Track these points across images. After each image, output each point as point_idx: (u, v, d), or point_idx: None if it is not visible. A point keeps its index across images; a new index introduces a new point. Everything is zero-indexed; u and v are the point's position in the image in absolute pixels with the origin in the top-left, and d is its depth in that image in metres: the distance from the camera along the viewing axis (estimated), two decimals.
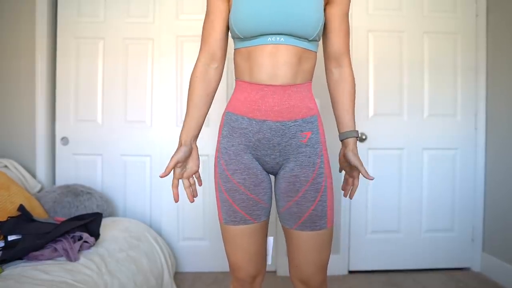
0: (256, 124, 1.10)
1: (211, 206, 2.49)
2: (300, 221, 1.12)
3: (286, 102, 1.09)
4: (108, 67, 2.48)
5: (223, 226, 1.18)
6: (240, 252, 1.17)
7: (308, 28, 1.07)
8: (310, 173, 1.11)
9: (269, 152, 1.12)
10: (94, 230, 1.75)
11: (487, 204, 2.50)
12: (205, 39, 1.17)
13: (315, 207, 1.11)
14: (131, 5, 2.47)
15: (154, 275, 1.94)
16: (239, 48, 1.14)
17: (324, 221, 1.13)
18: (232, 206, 1.14)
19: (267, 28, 1.06)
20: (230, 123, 1.15)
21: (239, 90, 1.14)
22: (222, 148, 1.16)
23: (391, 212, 2.52)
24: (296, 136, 1.11)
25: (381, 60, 2.49)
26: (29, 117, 2.42)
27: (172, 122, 2.49)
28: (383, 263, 2.54)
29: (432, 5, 2.49)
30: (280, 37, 1.07)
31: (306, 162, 1.12)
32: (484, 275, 2.46)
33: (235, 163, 1.13)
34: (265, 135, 1.10)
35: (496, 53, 2.44)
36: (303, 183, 1.11)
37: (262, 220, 1.17)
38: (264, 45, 1.08)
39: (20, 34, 2.41)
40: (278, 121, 1.09)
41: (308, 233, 1.12)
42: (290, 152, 1.12)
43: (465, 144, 2.53)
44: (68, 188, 2.22)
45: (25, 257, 1.47)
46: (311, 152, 1.12)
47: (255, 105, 1.10)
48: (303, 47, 1.10)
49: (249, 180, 1.13)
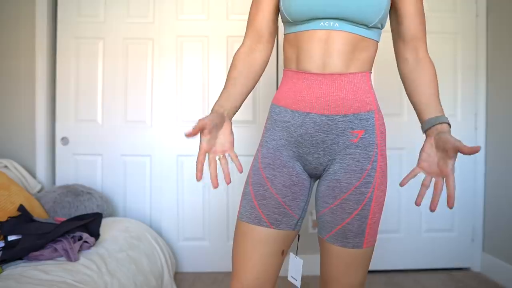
0: (299, 116, 0.97)
1: (211, 206, 2.49)
2: (332, 232, 0.98)
3: (335, 93, 0.94)
4: (108, 67, 2.48)
5: (238, 221, 1.04)
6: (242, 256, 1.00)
7: (368, 12, 0.92)
8: (355, 179, 0.95)
9: (311, 150, 0.98)
10: (94, 230, 1.75)
11: (487, 204, 2.50)
12: (251, 20, 1.05)
13: (351, 220, 0.95)
14: (131, 5, 2.47)
15: (154, 275, 1.94)
16: (288, 34, 1.02)
17: (359, 240, 0.96)
18: (252, 201, 1.00)
19: (320, 12, 0.93)
20: (274, 116, 1.02)
21: (285, 80, 1.02)
22: (264, 142, 1.04)
23: (391, 212, 2.52)
24: (344, 134, 0.96)
25: (381, 60, 2.48)
26: (29, 117, 2.42)
27: (172, 122, 2.49)
28: (383, 263, 2.53)
29: (432, 5, 2.48)
30: (334, 21, 0.93)
31: (353, 166, 0.96)
32: (484, 275, 2.46)
33: (271, 157, 1.01)
34: (308, 130, 0.96)
35: (496, 53, 2.44)
36: (344, 190, 0.96)
37: (282, 228, 1.00)
38: (315, 30, 0.95)
39: (20, 34, 2.41)
40: (324, 114, 0.94)
41: (338, 248, 0.98)
42: (337, 152, 0.97)
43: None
44: (68, 188, 2.22)
45: (25, 257, 1.47)
46: (361, 155, 0.96)
47: (299, 95, 0.96)
48: (361, 34, 0.95)
49: (280, 178, 1.00)
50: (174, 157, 2.49)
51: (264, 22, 1.04)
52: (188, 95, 2.49)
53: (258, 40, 1.05)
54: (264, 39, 1.05)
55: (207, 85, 2.48)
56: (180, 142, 2.45)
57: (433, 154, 0.93)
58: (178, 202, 2.50)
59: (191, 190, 2.49)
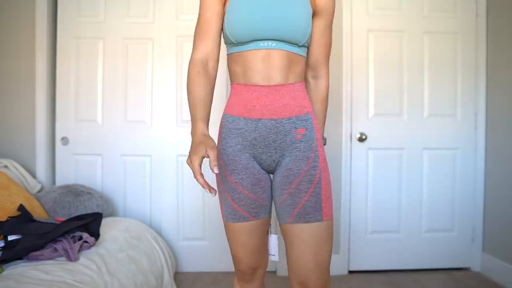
0: (251, 123, 1.14)
1: (211, 206, 2.49)
2: (294, 213, 1.13)
3: (279, 101, 1.14)
4: (108, 67, 2.48)
5: (226, 223, 1.23)
6: (241, 247, 1.21)
7: (298, 35, 1.13)
8: (304, 165, 1.14)
9: (265, 149, 1.16)
10: (94, 230, 1.75)
11: (487, 204, 2.50)
12: (201, 37, 1.16)
13: (308, 197, 1.13)
14: (131, 5, 2.47)
15: (154, 275, 1.94)
16: (232, 53, 1.19)
17: (319, 214, 1.13)
18: (232, 205, 1.18)
19: (259, 34, 1.12)
20: (227, 125, 1.19)
21: (235, 92, 1.19)
22: (221, 149, 1.19)
23: (391, 212, 2.52)
24: (290, 133, 1.15)
25: (381, 60, 2.49)
26: (29, 117, 2.42)
27: (172, 122, 2.49)
28: (383, 263, 2.54)
29: (432, 5, 2.49)
30: (271, 42, 1.13)
31: (300, 156, 1.15)
32: (484, 275, 2.46)
33: (233, 163, 1.17)
34: (261, 133, 1.14)
35: (496, 53, 2.44)
36: (296, 175, 1.14)
37: (262, 217, 1.21)
38: (257, 50, 1.13)
39: (20, 34, 2.41)
40: (273, 119, 1.14)
41: (302, 225, 1.12)
42: (285, 148, 1.16)
43: (465, 144, 2.53)
44: (68, 188, 2.22)
45: (25, 257, 1.47)
46: (305, 147, 1.16)
47: (250, 104, 1.14)
48: (293, 51, 1.15)
49: (247, 179, 1.16)
50: (174, 157, 2.49)
51: (215, 40, 1.17)
52: None
53: (208, 56, 1.17)
54: (214, 55, 1.18)
55: None
56: (180, 142, 2.45)
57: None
58: (178, 202, 2.51)
59: (191, 190, 2.49)
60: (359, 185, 2.51)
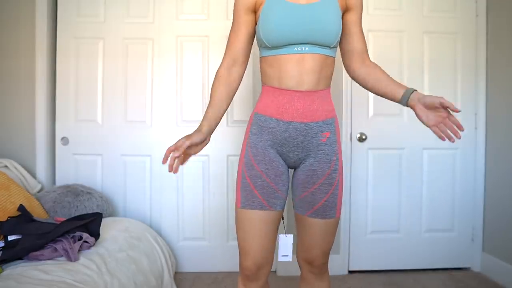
0: (283, 124, 1.24)
1: (211, 206, 2.49)
2: (313, 210, 1.28)
3: (310, 106, 1.23)
4: (108, 67, 2.48)
5: (240, 211, 1.28)
6: (251, 237, 1.27)
7: (330, 37, 1.21)
8: (327, 168, 1.27)
9: (293, 148, 1.27)
10: (94, 230, 1.75)
11: (487, 204, 2.50)
12: (229, 46, 1.31)
13: (328, 198, 1.27)
14: (131, 5, 2.47)
15: (154, 275, 1.94)
16: (265, 56, 1.27)
17: (333, 212, 1.29)
18: (253, 191, 1.26)
19: (293, 38, 1.19)
20: (259, 123, 1.29)
21: (267, 94, 1.28)
22: (251, 143, 1.30)
23: (391, 212, 2.52)
24: (317, 136, 1.26)
25: (381, 60, 2.45)
26: (29, 117, 2.42)
27: (172, 122, 2.49)
28: (383, 263, 2.54)
29: (432, 5, 2.49)
30: (305, 46, 1.20)
31: (324, 158, 1.27)
32: (484, 275, 2.46)
33: (261, 155, 1.27)
34: (291, 134, 1.25)
35: (496, 53, 2.44)
36: (320, 177, 1.27)
37: (277, 209, 1.28)
38: (291, 54, 1.21)
39: (20, 34, 2.41)
40: (303, 122, 1.24)
41: (319, 220, 1.28)
42: (311, 149, 1.27)
43: (465, 144, 2.53)
44: (68, 188, 2.22)
45: (25, 257, 1.48)
46: (329, 150, 1.28)
47: (283, 108, 1.24)
48: (325, 54, 1.23)
49: (272, 170, 1.27)
50: None
51: (240, 50, 1.30)
52: (188, 95, 2.50)
53: (234, 62, 1.30)
54: (239, 61, 1.31)
55: (207, 85, 2.48)
56: None
57: (430, 115, 1.17)
58: (178, 202, 2.51)
59: (191, 190, 2.49)
60: (359, 185, 2.51)
